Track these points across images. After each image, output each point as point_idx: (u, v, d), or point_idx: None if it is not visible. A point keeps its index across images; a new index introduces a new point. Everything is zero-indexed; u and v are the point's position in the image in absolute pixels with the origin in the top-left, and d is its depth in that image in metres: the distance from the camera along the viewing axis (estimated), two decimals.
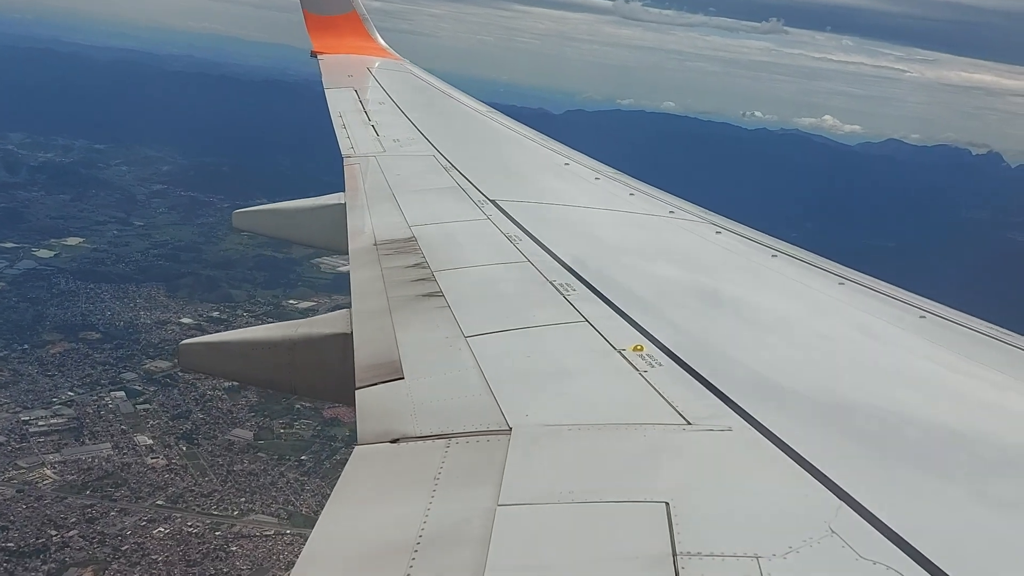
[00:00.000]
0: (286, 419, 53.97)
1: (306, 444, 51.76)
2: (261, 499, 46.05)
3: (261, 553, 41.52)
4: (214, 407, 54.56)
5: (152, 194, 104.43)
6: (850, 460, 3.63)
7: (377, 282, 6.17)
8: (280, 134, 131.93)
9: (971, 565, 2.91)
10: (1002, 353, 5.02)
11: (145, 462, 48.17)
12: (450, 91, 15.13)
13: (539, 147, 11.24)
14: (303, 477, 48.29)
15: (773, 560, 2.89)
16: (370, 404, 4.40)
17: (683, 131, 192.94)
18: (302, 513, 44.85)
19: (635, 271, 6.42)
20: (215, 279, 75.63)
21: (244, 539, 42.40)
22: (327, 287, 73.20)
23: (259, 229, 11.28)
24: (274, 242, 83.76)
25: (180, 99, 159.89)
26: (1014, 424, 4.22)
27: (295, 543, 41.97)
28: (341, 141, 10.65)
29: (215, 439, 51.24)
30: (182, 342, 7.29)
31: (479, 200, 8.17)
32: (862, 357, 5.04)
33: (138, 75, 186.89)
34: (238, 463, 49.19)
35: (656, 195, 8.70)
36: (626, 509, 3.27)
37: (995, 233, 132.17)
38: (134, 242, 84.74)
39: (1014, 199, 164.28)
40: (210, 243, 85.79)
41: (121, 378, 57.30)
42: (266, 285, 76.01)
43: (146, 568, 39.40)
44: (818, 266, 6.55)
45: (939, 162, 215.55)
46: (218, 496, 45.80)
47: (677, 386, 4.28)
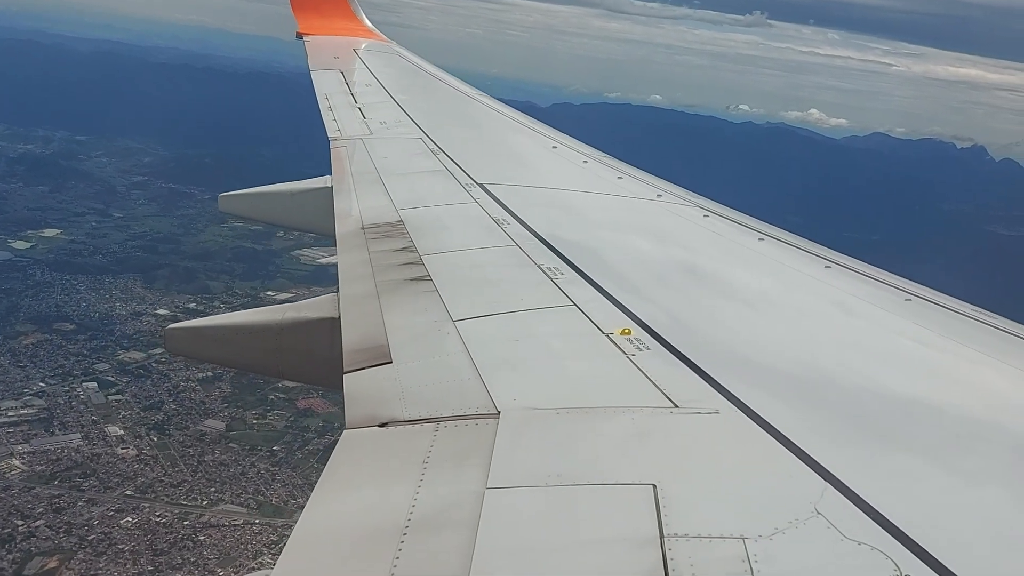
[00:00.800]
0: (259, 410, 53.82)
1: (279, 435, 51.58)
2: (231, 489, 45.92)
3: (229, 543, 41.52)
4: (187, 398, 54.39)
5: (132, 185, 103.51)
6: (836, 442, 3.65)
7: (364, 266, 6.15)
8: (264, 126, 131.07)
9: (954, 544, 2.93)
10: (987, 334, 5.06)
11: (115, 452, 47.92)
12: (438, 73, 14.99)
13: (527, 130, 11.19)
14: (274, 467, 48.22)
15: (759, 541, 2.91)
16: (358, 388, 4.38)
17: (669, 124, 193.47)
18: (272, 503, 44.91)
19: (623, 254, 6.43)
20: (193, 270, 75.28)
21: (212, 529, 42.36)
22: (306, 279, 72.77)
23: (245, 213, 11.26)
24: (254, 234, 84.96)
25: (163, 91, 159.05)
26: (998, 404, 4.26)
27: (264, 532, 42.26)
28: (327, 123, 10.56)
29: (187, 430, 51.00)
30: (168, 327, 7.27)
31: (467, 183, 8.13)
32: (848, 339, 5.07)
33: (121, 66, 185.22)
34: (209, 453, 48.99)
35: (644, 178, 8.70)
36: (614, 492, 3.29)
37: (977, 226, 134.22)
38: (112, 233, 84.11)
39: (996, 192, 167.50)
40: (189, 234, 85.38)
41: (94, 369, 56.97)
42: (244, 276, 75.62)
43: (112, 558, 39.35)
44: (804, 249, 6.58)
45: (924, 155, 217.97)
46: (187, 486, 45.63)
47: (665, 369, 4.30)
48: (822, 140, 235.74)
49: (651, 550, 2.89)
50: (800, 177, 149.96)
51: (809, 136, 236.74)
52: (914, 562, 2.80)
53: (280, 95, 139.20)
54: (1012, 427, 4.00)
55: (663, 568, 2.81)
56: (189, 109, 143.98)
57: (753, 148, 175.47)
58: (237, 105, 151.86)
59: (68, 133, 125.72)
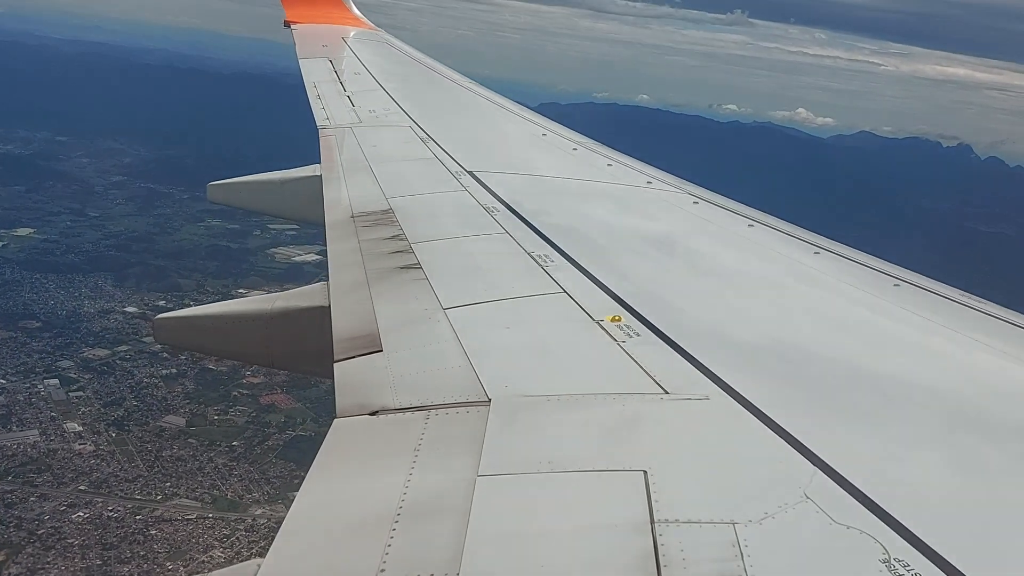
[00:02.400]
0: (221, 406, 53.65)
1: (239, 430, 51.38)
2: (186, 484, 45.66)
3: (180, 537, 41.30)
4: (149, 394, 54.08)
5: (110, 185, 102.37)
6: (825, 427, 3.67)
7: (354, 254, 6.13)
8: (248, 127, 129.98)
9: (943, 528, 2.95)
10: (976, 319, 5.09)
11: (72, 448, 47.56)
12: (427, 61, 14.93)
13: (516, 118, 11.15)
14: (232, 463, 48.02)
15: (749, 526, 2.93)
16: (349, 377, 4.38)
17: (655, 123, 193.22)
18: (227, 498, 44.74)
19: (613, 241, 6.43)
20: (164, 269, 74.69)
21: (164, 523, 42.13)
22: (279, 277, 71.95)
23: (234, 201, 11.10)
24: (231, 232, 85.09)
25: (146, 92, 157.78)
26: (987, 389, 4.29)
27: (216, 527, 42.15)
28: (316, 112, 10.49)
29: (146, 426, 50.68)
30: (157, 316, 7.24)
31: (456, 171, 8.12)
32: (837, 325, 5.10)
33: (105, 68, 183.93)
34: (167, 449, 48.69)
35: (634, 165, 8.70)
36: (604, 478, 3.30)
37: (955, 223, 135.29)
38: (86, 233, 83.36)
39: (977, 190, 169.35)
40: (165, 233, 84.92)
41: (57, 366, 56.45)
42: (217, 274, 74.98)
43: (61, 552, 39.13)
44: (794, 235, 6.59)
45: (909, 154, 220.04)
46: (143, 481, 45.31)
47: (655, 356, 4.31)
48: (808, 139, 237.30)
49: (642, 536, 2.91)
50: (784, 174, 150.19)
51: (795, 135, 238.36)
52: (903, 546, 2.82)
53: (266, 96, 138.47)
54: (1001, 412, 4.03)
55: (654, 554, 2.82)
56: (172, 110, 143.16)
57: (738, 147, 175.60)
58: (222, 106, 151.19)
59: (49, 134, 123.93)
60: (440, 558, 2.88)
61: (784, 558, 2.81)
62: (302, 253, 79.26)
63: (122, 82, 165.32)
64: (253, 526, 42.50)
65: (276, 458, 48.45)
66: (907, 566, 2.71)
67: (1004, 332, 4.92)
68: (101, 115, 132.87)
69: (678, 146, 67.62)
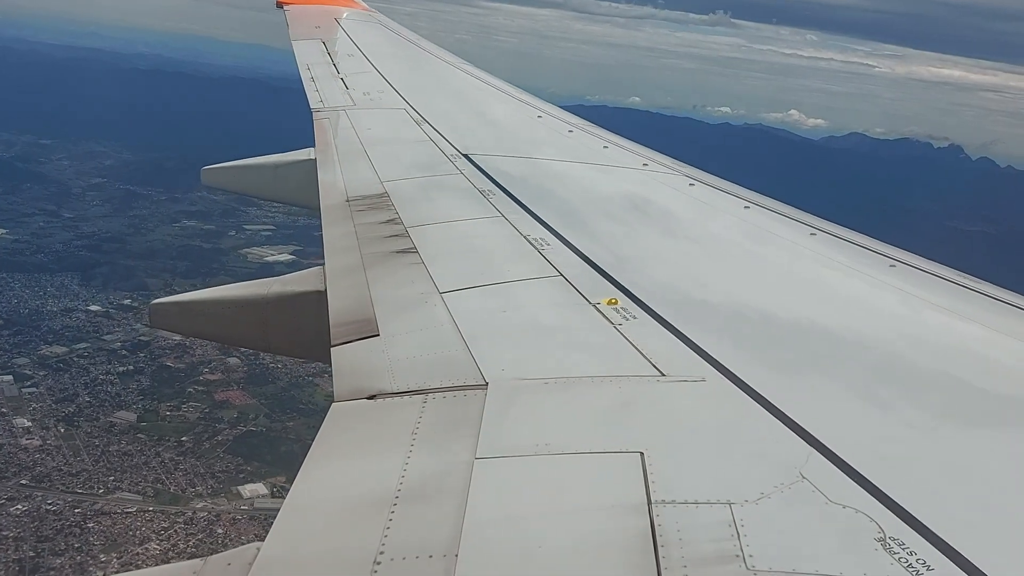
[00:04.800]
0: (175, 402, 53.37)
1: (190, 426, 51.10)
2: (130, 478, 45.36)
3: (118, 529, 41.09)
4: (103, 391, 53.81)
5: (89, 187, 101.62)
6: (821, 407, 3.69)
7: (350, 238, 6.12)
8: (235, 129, 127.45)
9: (937, 506, 2.97)
10: (971, 299, 5.11)
11: (18, 443, 47.23)
12: (421, 43, 14.84)
13: (512, 100, 11.13)
14: (179, 457, 47.75)
15: (745, 506, 2.94)
16: (346, 361, 4.39)
17: (644, 125, 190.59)
18: (169, 491, 44.57)
19: (609, 224, 6.43)
20: (132, 268, 74.29)
21: (103, 516, 41.90)
22: (249, 276, 69.14)
23: (228, 186, 11.10)
24: (205, 233, 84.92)
25: (134, 96, 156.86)
26: (983, 368, 4.31)
27: (155, 520, 41.99)
28: (310, 94, 10.41)
29: (97, 421, 50.36)
30: (153, 302, 7.24)
31: (451, 154, 8.09)
32: (833, 305, 5.10)
33: (94, 72, 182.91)
34: (115, 444, 48.23)
35: (630, 147, 8.70)
36: (602, 460, 3.31)
37: (938, 222, 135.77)
38: (58, 233, 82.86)
39: (965, 190, 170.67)
40: (138, 234, 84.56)
41: (12, 363, 56.03)
42: (186, 274, 74.24)
43: None
44: (790, 217, 6.60)
45: (899, 155, 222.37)
46: (86, 475, 45.00)
47: (651, 338, 4.31)
48: (799, 140, 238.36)
49: (639, 517, 2.92)
50: (772, 176, 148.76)
51: (786, 136, 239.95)
52: (897, 524, 2.84)
53: (255, 99, 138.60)
54: (997, 391, 4.06)
55: (651, 534, 2.83)
56: (158, 114, 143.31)
57: (728, 148, 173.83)
58: (209, 109, 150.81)
59: (33, 137, 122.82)
60: (439, 540, 2.89)
61: (780, 537, 2.82)
62: (275, 253, 79.62)
63: (109, 86, 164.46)
64: (192, 519, 42.30)
65: (224, 453, 48.38)
66: (902, 544, 2.73)
67: (1000, 311, 4.95)
68: (86, 118, 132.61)
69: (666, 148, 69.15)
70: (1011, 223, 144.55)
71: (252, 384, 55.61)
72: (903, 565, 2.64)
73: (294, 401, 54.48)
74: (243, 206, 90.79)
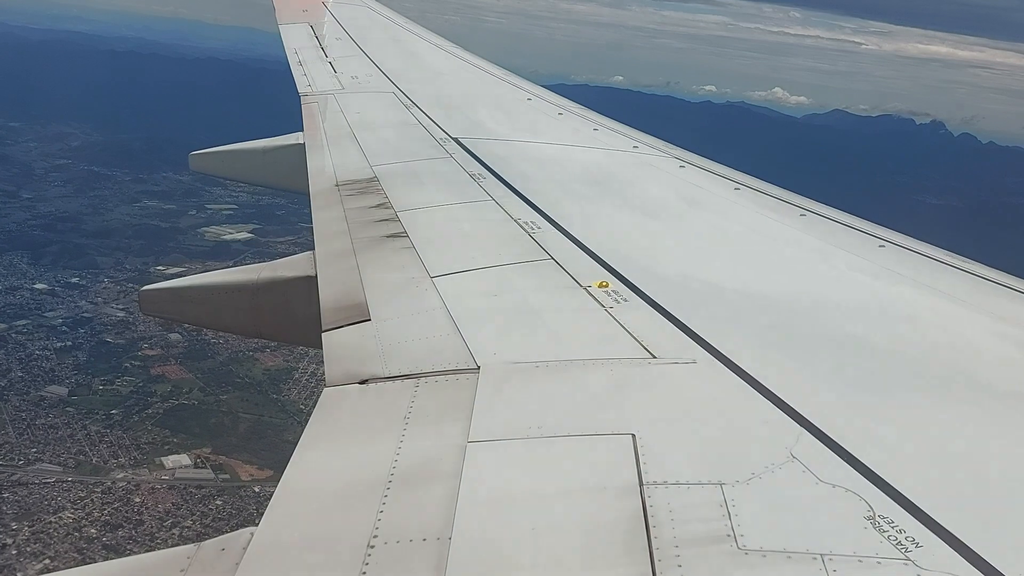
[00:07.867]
0: (109, 376, 53.13)
1: (122, 399, 50.90)
2: (53, 450, 45.32)
3: (33, 499, 41.09)
4: (37, 366, 53.45)
5: (52, 168, 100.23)
6: (811, 388, 3.71)
7: (340, 223, 6.11)
8: (209, 112, 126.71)
9: (926, 485, 3.00)
10: (960, 279, 5.14)
11: None
12: (410, 26, 14.76)
13: (501, 82, 11.09)
14: (106, 430, 47.59)
15: (736, 486, 2.97)
16: (337, 346, 4.39)
17: (624, 104, 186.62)
18: (92, 463, 44.53)
19: (600, 206, 6.43)
20: (83, 247, 73.49)
21: (20, 487, 41.87)
22: (203, 255, 71.05)
23: (216, 171, 11.05)
24: (165, 212, 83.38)
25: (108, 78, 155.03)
26: (971, 348, 4.34)
27: (73, 490, 41.91)
28: (298, 79, 10.38)
29: (26, 395, 50.13)
30: (143, 288, 7.20)
31: (441, 138, 8.07)
32: (823, 286, 5.13)
33: (69, 55, 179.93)
34: (43, 417, 48.18)
35: (620, 130, 8.69)
36: (593, 442, 3.33)
37: (908, 196, 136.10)
38: (14, 213, 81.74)
39: (942, 165, 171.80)
40: (97, 214, 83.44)
41: None
42: (138, 253, 73.71)
43: None
44: (780, 198, 6.61)
45: (880, 131, 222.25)
46: (8, 448, 45.02)
47: (642, 320, 4.33)
48: (780, 118, 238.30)
49: (631, 498, 2.94)
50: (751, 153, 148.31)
51: (767, 114, 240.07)
52: (887, 502, 2.87)
53: (228, 82, 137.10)
54: (985, 370, 4.08)
55: (643, 515, 2.86)
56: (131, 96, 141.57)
57: (708, 126, 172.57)
58: (186, 92, 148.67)
59: (1, 120, 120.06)
60: (432, 523, 2.91)
61: (771, 517, 2.84)
62: (233, 232, 78.69)
63: (82, 68, 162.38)
64: (111, 488, 42.23)
65: (152, 425, 48.24)
66: (891, 523, 2.76)
67: (989, 291, 4.97)
68: (56, 101, 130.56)
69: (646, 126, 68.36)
70: (982, 196, 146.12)
71: (190, 359, 55.25)
72: (892, 543, 2.66)
73: (231, 375, 54.34)
74: (207, 186, 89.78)
